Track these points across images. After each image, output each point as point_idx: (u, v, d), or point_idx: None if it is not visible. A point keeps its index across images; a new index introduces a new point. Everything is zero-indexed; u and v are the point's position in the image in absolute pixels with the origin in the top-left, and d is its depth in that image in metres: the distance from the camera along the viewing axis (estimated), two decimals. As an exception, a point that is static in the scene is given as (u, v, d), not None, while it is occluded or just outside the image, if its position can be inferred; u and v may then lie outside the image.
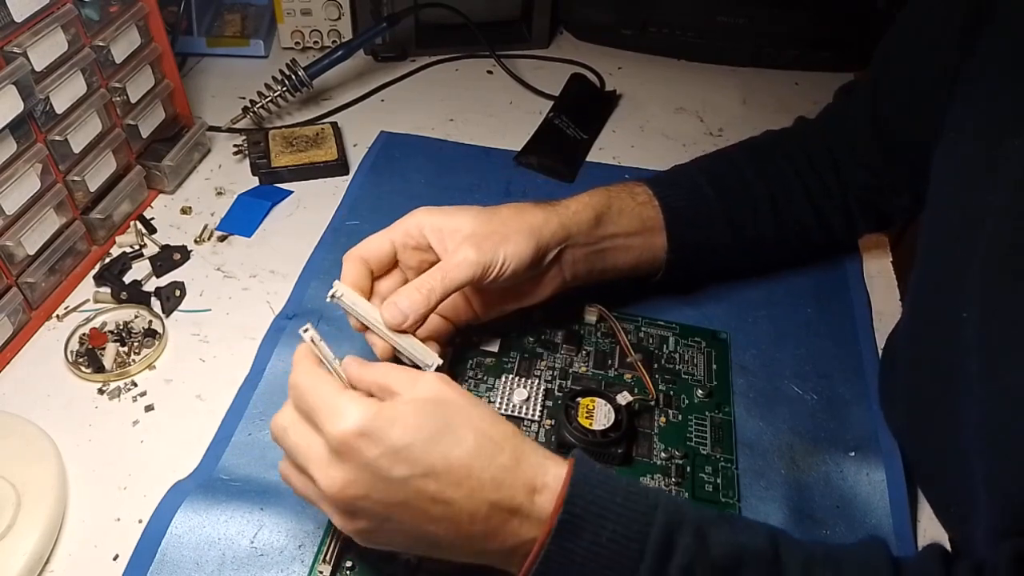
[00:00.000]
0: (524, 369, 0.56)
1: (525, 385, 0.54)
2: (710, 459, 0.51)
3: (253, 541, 0.46)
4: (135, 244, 0.66)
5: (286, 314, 0.60)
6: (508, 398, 0.54)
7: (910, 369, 0.51)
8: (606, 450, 0.49)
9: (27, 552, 0.44)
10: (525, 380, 0.55)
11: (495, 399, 0.54)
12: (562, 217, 0.52)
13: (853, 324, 0.61)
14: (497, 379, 0.55)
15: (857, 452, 0.52)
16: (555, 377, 0.56)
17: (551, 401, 0.54)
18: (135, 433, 0.53)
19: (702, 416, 0.54)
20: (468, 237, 0.49)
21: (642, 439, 0.52)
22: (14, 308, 0.57)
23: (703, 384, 0.55)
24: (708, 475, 0.50)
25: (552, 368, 0.56)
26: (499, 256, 0.49)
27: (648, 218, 0.56)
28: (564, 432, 0.50)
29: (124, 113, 0.66)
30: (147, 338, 0.58)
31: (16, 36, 0.54)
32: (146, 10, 0.66)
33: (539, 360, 0.57)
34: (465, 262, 0.48)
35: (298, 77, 0.80)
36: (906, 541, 0.48)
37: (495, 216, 0.51)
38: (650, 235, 0.56)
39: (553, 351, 0.57)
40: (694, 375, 0.56)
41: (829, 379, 0.57)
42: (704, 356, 0.58)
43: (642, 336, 0.59)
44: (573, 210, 0.53)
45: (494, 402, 0.54)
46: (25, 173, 0.56)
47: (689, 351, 0.58)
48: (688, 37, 0.92)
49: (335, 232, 0.68)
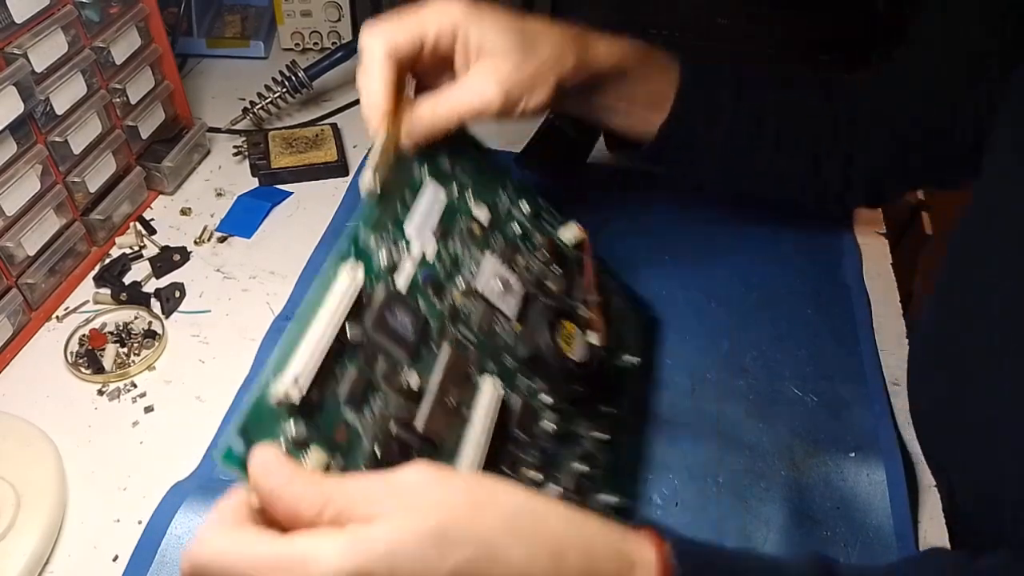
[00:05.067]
0: (507, 256, 0.49)
1: (505, 276, 0.47)
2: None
3: (253, 542, 0.46)
4: (135, 245, 0.66)
5: (286, 315, 0.60)
6: (488, 282, 0.46)
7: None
8: (574, 384, 0.47)
9: (27, 553, 0.44)
10: (507, 269, 0.47)
11: (472, 274, 0.46)
12: (589, 64, 0.49)
13: (853, 325, 0.61)
14: (481, 253, 0.47)
15: (857, 453, 0.52)
16: (531, 283, 0.49)
17: (525, 307, 0.48)
18: (135, 434, 0.53)
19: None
20: (494, 68, 0.44)
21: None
22: (14, 309, 0.57)
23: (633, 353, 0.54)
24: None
25: (530, 271, 0.50)
26: (521, 104, 0.45)
27: (661, 98, 0.54)
28: (543, 349, 0.45)
29: (124, 114, 0.66)
30: (147, 339, 0.58)
31: (17, 37, 0.54)
32: (146, 11, 0.66)
33: (519, 255, 0.50)
34: (483, 100, 0.44)
35: (298, 78, 0.80)
36: (906, 542, 0.47)
37: (531, 52, 0.46)
38: (653, 112, 0.54)
39: (532, 251, 0.51)
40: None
41: (829, 380, 0.56)
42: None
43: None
44: (603, 58, 0.50)
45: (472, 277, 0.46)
46: (25, 174, 0.56)
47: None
48: (689, 39, 0.92)
49: (335, 233, 0.68)
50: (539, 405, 0.46)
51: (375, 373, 0.38)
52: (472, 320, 0.45)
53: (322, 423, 0.35)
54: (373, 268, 0.40)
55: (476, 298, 0.45)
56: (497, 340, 0.45)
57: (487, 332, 0.45)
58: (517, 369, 0.45)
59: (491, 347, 0.45)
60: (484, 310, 0.45)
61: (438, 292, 0.44)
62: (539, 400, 0.46)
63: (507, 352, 0.45)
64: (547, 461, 0.44)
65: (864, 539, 0.47)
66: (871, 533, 0.48)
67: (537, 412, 0.45)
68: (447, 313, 0.43)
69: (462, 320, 0.44)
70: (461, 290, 0.45)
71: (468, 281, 0.46)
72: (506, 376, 0.44)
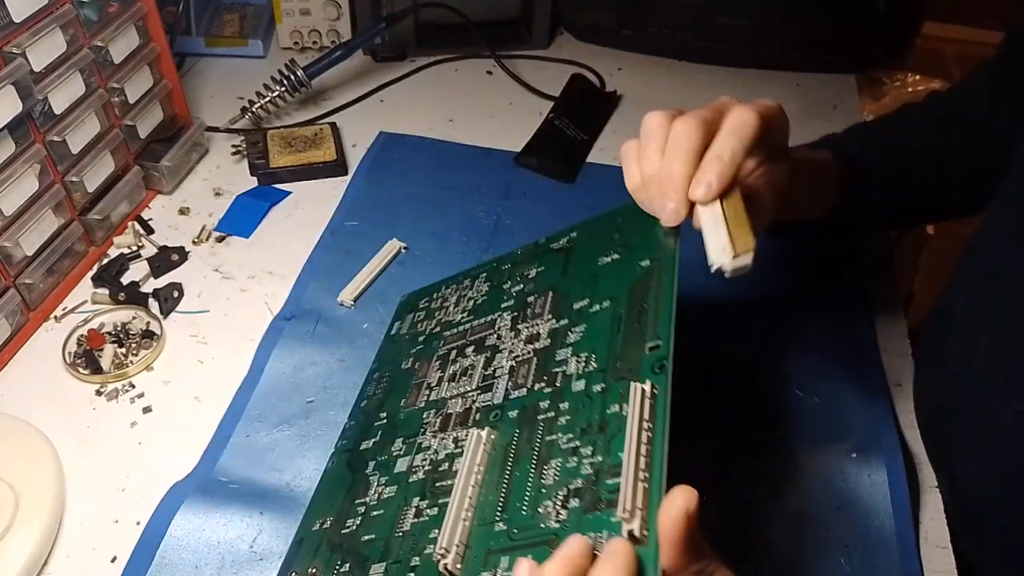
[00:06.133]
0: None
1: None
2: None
3: (252, 545, 0.46)
4: (133, 245, 0.66)
5: (284, 315, 0.60)
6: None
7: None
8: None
9: (25, 554, 0.44)
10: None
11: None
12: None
13: (853, 325, 0.61)
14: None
15: (859, 453, 0.52)
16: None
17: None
18: (133, 435, 0.53)
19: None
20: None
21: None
22: (12, 309, 0.56)
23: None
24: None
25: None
26: (772, 113, 0.45)
27: (826, 193, 0.57)
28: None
29: (122, 113, 0.66)
30: (145, 339, 0.58)
31: (15, 36, 0.53)
32: (145, 10, 0.66)
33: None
34: (746, 110, 0.42)
35: (297, 77, 0.80)
36: (908, 543, 0.47)
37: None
38: (819, 205, 0.58)
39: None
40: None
41: (830, 381, 0.56)
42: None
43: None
44: (801, 169, 0.51)
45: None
46: (23, 174, 0.55)
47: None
48: (689, 38, 0.92)
49: (334, 233, 0.68)
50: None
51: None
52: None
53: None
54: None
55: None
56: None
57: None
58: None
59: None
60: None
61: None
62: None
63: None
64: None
65: (865, 540, 0.47)
66: (872, 534, 0.48)
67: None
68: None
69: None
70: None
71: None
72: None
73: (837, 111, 0.86)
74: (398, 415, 0.48)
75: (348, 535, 0.43)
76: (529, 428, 0.39)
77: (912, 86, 1.05)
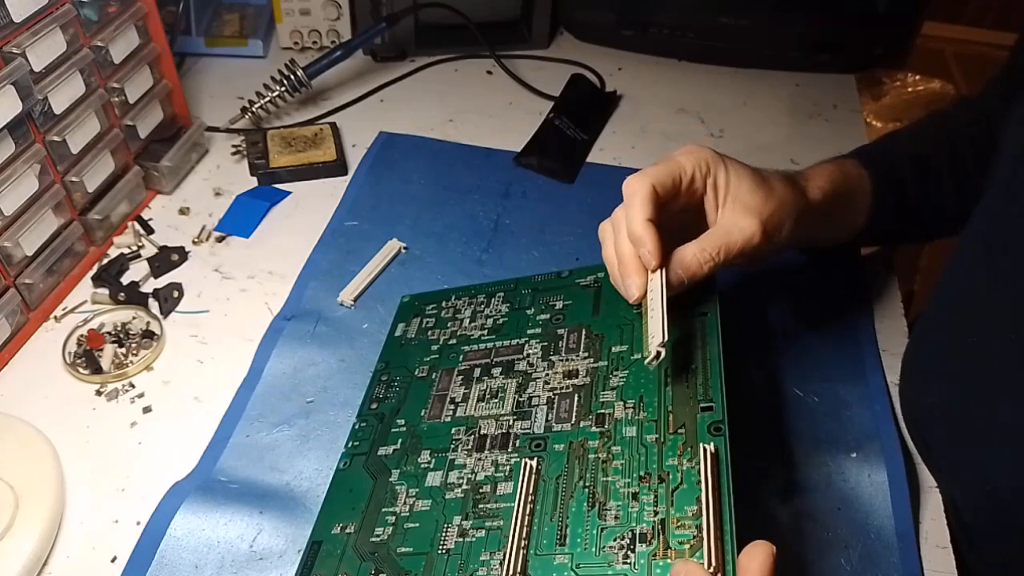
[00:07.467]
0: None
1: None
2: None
3: (252, 545, 0.46)
4: (133, 245, 0.66)
5: (284, 315, 0.60)
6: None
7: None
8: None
9: (25, 554, 0.44)
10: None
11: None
12: (810, 199, 0.51)
13: (854, 325, 0.61)
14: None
15: (858, 453, 0.52)
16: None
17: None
18: (133, 435, 0.53)
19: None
20: (749, 207, 0.46)
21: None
22: (12, 309, 0.56)
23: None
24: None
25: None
26: (775, 238, 0.47)
27: (860, 202, 0.56)
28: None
29: (122, 113, 0.66)
30: (145, 339, 0.58)
31: (15, 36, 0.53)
32: (144, 10, 0.66)
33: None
34: (744, 236, 0.45)
35: (297, 77, 0.80)
36: (908, 542, 0.47)
37: (771, 192, 0.48)
38: (854, 216, 0.57)
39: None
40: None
41: (830, 381, 0.56)
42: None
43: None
44: (820, 192, 0.52)
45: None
46: (23, 174, 0.55)
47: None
48: (689, 38, 0.92)
49: (334, 233, 0.68)
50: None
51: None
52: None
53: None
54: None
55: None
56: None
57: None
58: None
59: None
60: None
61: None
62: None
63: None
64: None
65: (865, 540, 0.47)
66: (872, 534, 0.48)
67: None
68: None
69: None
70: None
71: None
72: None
73: (837, 111, 0.86)
74: (419, 425, 0.48)
75: (379, 544, 0.42)
76: (580, 464, 0.41)
77: (912, 86, 1.05)
